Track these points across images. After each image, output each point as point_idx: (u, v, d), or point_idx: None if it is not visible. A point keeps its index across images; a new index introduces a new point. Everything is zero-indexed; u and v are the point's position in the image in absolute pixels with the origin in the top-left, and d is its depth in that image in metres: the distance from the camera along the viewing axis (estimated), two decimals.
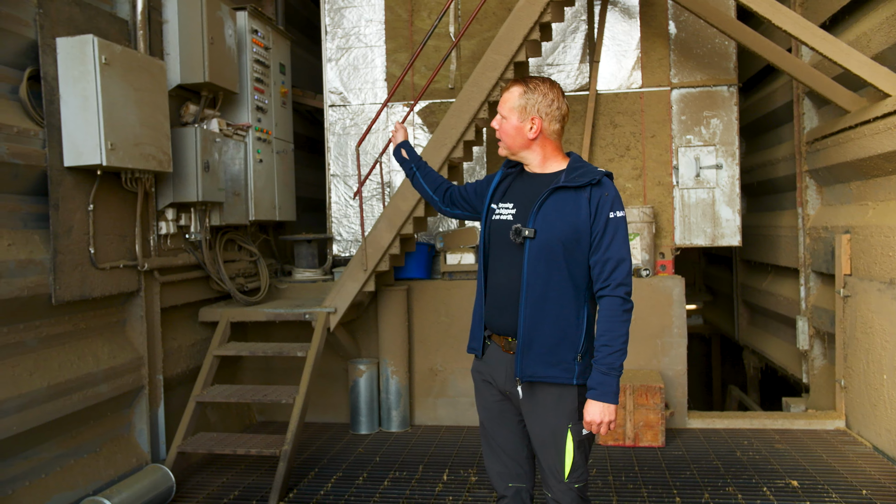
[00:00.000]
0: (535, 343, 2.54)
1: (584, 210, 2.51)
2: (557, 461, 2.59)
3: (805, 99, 6.31)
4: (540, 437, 2.63)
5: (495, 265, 2.67)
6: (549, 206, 2.54)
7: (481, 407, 2.79)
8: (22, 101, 3.83)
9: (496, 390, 2.72)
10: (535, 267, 2.52)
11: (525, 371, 2.56)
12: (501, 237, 2.64)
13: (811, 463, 4.82)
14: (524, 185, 2.68)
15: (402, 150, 3.20)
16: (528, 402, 2.62)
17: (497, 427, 2.74)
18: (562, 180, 2.56)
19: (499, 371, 2.68)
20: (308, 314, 5.23)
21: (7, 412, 3.62)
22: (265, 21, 5.93)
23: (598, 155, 6.21)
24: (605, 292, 2.50)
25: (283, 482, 4.45)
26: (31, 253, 3.82)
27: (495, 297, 2.66)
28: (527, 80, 2.62)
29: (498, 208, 2.69)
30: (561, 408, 2.58)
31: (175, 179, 4.79)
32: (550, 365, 2.55)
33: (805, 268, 6.38)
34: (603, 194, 2.52)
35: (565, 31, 6.24)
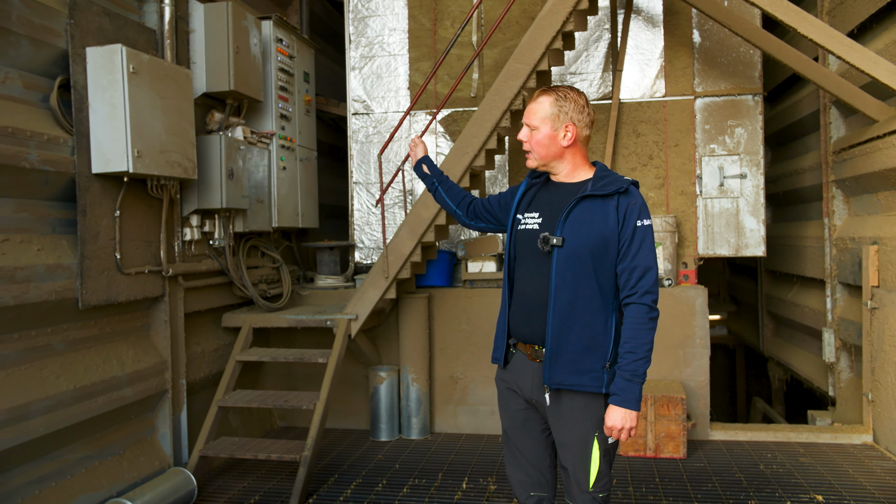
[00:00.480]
0: (564, 351, 2.55)
1: (612, 218, 2.52)
2: (582, 470, 2.59)
3: (832, 108, 6.24)
4: (566, 445, 2.62)
5: (522, 274, 2.67)
6: (577, 214, 2.55)
7: (505, 415, 2.79)
8: (52, 110, 3.91)
9: (521, 399, 2.72)
10: (563, 275, 2.53)
11: (553, 379, 2.56)
12: (528, 246, 2.64)
13: (837, 477, 4.74)
14: (550, 195, 2.68)
15: (422, 166, 3.16)
16: (555, 409, 2.61)
17: (521, 435, 2.74)
18: (589, 189, 2.57)
19: (525, 379, 2.68)
20: (329, 321, 5.26)
21: (34, 414, 3.69)
22: (290, 30, 5.99)
23: (620, 164, 6.18)
24: (632, 300, 2.51)
25: (303, 487, 4.47)
26: (59, 258, 3.89)
27: (522, 305, 2.66)
28: (556, 89, 2.63)
29: (523, 218, 2.70)
30: (588, 416, 2.58)
31: (200, 186, 4.85)
32: (579, 373, 2.55)
33: (831, 279, 6.29)
34: (630, 202, 2.54)
35: (588, 40, 6.23)
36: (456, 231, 6.40)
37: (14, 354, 3.69)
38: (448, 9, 6.40)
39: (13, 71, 3.72)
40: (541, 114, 2.60)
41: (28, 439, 3.66)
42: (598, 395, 2.58)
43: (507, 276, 2.73)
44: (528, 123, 2.63)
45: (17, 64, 3.73)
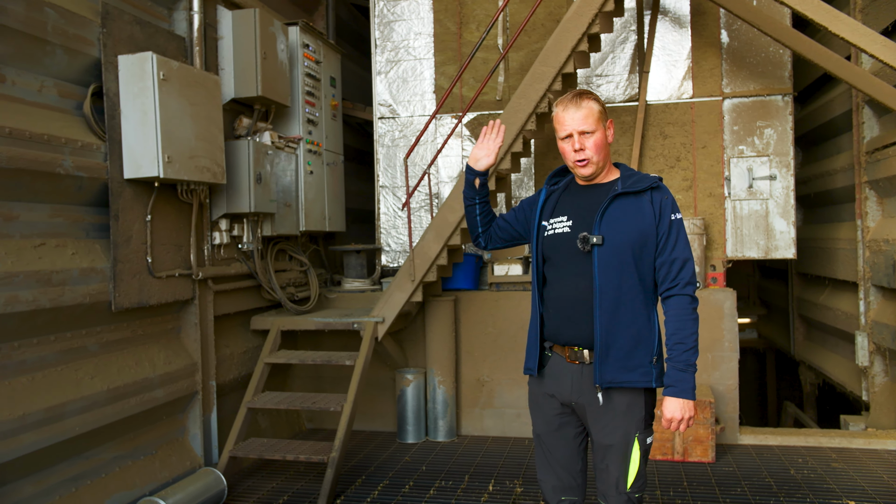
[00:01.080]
0: (613, 349, 2.56)
1: (649, 213, 2.56)
2: (622, 470, 2.60)
3: (865, 108, 6.13)
4: (607, 445, 2.62)
5: (557, 278, 2.66)
6: (613, 212, 2.57)
7: (540, 420, 2.77)
8: (86, 117, 4.01)
9: (557, 403, 2.71)
10: (607, 273, 2.54)
11: (604, 377, 2.56)
12: (561, 250, 2.64)
13: (870, 484, 4.66)
14: (577, 198, 2.68)
15: (477, 179, 2.84)
16: (600, 409, 2.61)
17: (555, 440, 2.73)
18: (620, 187, 2.59)
19: (564, 383, 2.67)
20: (356, 324, 5.30)
21: (70, 413, 3.78)
22: (316, 35, 6.06)
23: (647, 166, 6.15)
24: (674, 291, 2.56)
25: (330, 488, 4.51)
26: (92, 262, 3.98)
27: (560, 308, 2.64)
28: (588, 91, 2.63)
29: (550, 224, 2.69)
30: (631, 416, 2.60)
31: (228, 191, 4.93)
32: (628, 370, 2.57)
33: (864, 281, 6.18)
34: (663, 197, 2.60)
35: (614, 42, 6.21)
36: None
37: (51, 356, 3.78)
38: (473, 12, 6.42)
39: (49, 80, 3.82)
40: (594, 116, 2.56)
41: (64, 438, 3.75)
42: (641, 394, 2.61)
43: (536, 282, 2.72)
44: (584, 130, 2.55)
45: (52, 73, 3.83)
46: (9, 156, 3.43)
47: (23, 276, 3.51)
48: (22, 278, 3.51)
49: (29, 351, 3.65)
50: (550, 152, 6.34)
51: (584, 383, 2.63)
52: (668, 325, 2.57)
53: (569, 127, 2.57)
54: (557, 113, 2.62)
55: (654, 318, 2.62)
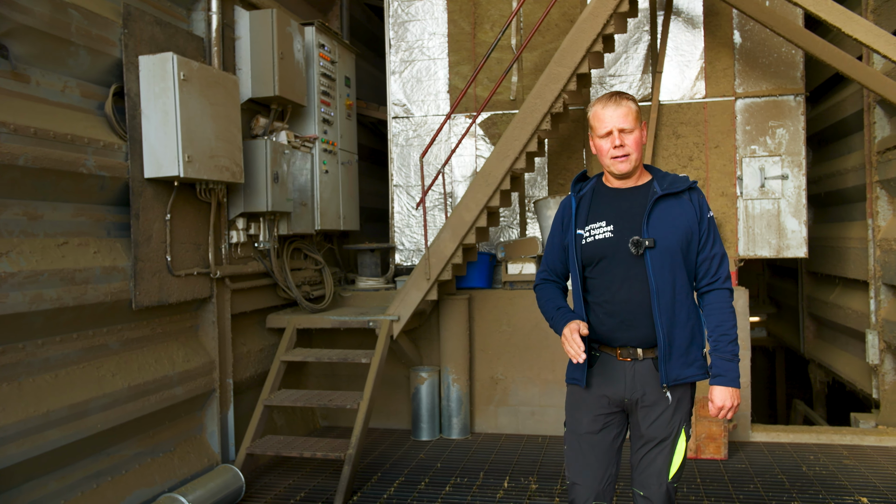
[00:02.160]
0: (674, 347, 2.62)
1: (691, 213, 2.63)
2: (667, 461, 2.64)
3: (876, 108, 6.14)
4: (657, 439, 2.65)
5: (605, 283, 2.66)
6: (658, 214, 2.61)
7: (585, 420, 2.74)
8: (107, 117, 4.05)
9: (607, 402, 2.71)
10: (661, 274, 2.59)
11: (670, 376, 2.61)
12: (607, 256, 2.64)
13: (882, 480, 4.69)
14: (613, 203, 2.70)
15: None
16: (652, 405, 2.65)
17: (600, 440, 2.72)
18: (659, 189, 2.64)
19: (617, 381, 2.68)
20: (372, 322, 5.35)
21: (93, 410, 3.83)
22: (332, 35, 6.10)
23: (660, 165, 6.17)
24: (716, 286, 2.67)
25: (347, 485, 4.56)
26: (114, 260, 4.03)
27: (615, 313, 2.64)
28: (625, 92, 2.68)
29: (587, 232, 2.69)
30: (680, 409, 2.66)
31: (246, 190, 4.97)
32: (688, 365, 2.64)
33: (875, 280, 6.20)
34: (701, 197, 2.69)
35: (627, 42, 6.23)
36: (496, 233, 6.45)
37: (74, 353, 3.84)
38: (487, 13, 6.45)
39: (72, 80, 3.87)
40: (633, 115, 2.60)
41: (87, 435, 3.80)
42: (689, 388, 2.70)
43: (580, 289, 2.71)
44: (624, 128, 2.58)
45: (75, 73, 3.88)
46: (35, 156, 3.48)
47: (47, 275, 3.56)
48: (46, 276, 3.56)
49: (53, 349, 3.70)
50: (564, 152, 6.37)
51: (638, 379, 2.65)
52: (711, 318, 2.67)
53: (609, 124, 2.59)
54: (597, 111, 2.64)
55: (699, 312, 2.71)
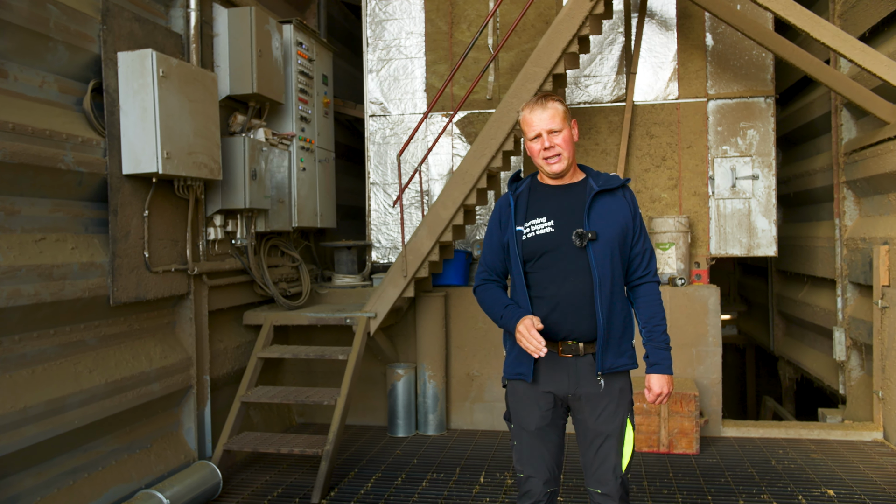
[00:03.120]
0: (611, 337, 2.71)
1: (627, 210, 2.75)
2: (618, 455, 2.71)
3: (843, 110, 6.32)
4: (605, 433, 2.71)
5: (549, 278, 2.71)
6: (597, 210, 2.70)
7: (535, 417, 2.78)
8: (86, 112, 4.04)
9: (552, 397, 2.77)
10: (603, 266, 2.67)
11: (605, 364, 2.69)
12: (549, 250, 2.70)
13: (848, 473, 4.83)
14: (551, 199, 2.76)
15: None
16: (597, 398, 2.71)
17: (549, 434, 2.79)
18: (596, 186, 2.74)
19: (561, 377, 2.74)
20: (349, 319, 5.38)
21: (70, 407, 3.83)
22: (309, 34, 6.11)
23: (634, 165, 6.28)
24: (647, 279, 2.81)
25: (325, 481, 4.59)
26: (92, 256, 4.02)
27: (558, 306, 2.70)
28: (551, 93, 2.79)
29: (527, 228, 2.73)
30: (622, 400, 2.74)
31: (224, 187, 4.98)
32: (620, 354, 2.74)
33: (842, 279, 6.37)
34: (633, 195, 2.82)
35: (602, 43, 6.33)
36: (472, 231, 6.51)
37: (51, 349, 3.82)
38: (464, 12, 6.51)
39: (50, 75, 3.85)
40: (560, 115, 2.69)
41: (64, 431, 3.79)
42: (629, 378, 2.79)
43: (522, 285, 2.73)
44: (552, 129, 2.67)
45: (53, 69, 3.86)
46: (12, 151, 3.47)
47: (25, 270, 3.55)
48: (24, 272, 3.55)
49: (29, 344, 3.69)
50: None
51: (580, 374, 2.72)
52: (643, 310, 2.80)
53: (537, 127, 2.68)
54: (525, 116, 2.72)
55: (630, 305, 2.84)
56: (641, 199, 6.29)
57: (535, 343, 2.54)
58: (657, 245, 5.95)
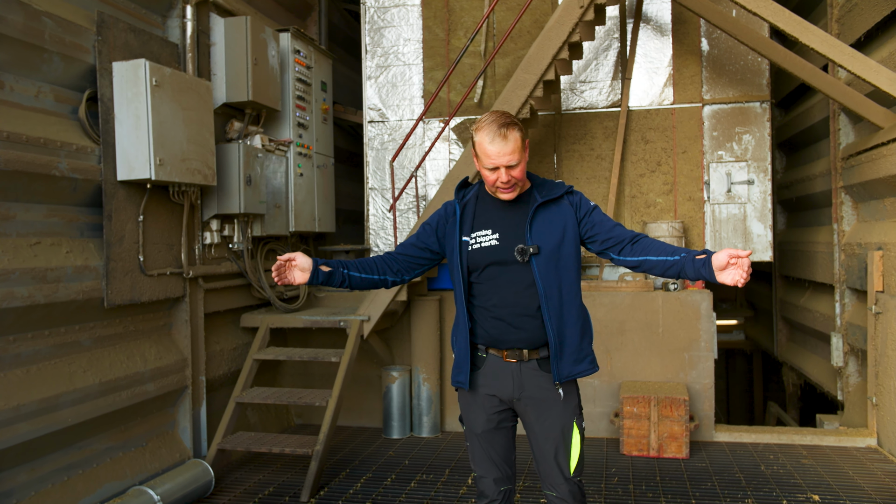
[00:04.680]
0: (566, 345, 2.72)
1: (570, 214, 2.74)
2: (565, 457, 2.75)
3: (841, 115, 6.30)
4: (550, 436, 2.76)
5: (493, 289, 2.74)
6: (539, 222, 2.72)
7: (481, 420, 2.83)
8: (81, 121, 4.18)
9: (497, 401, 2.82)
10: (548, 278, 2.68)
11: (562, 374, 2.72)
12: (493, 263, 2.72)
13: (836, 479, 4.82)
14: (497, 211, 2.77)
15: (319, 269, 2.73)
16: (542, 403, 2.75)
17: (495, 436, 2.85)
18: (539, 198, 2.74)
19: (505, 382, 2.77)
20: (343, 322, 5.47)
21: (64, 405, 3.95)
22: (307, 41, 6.23)
23: (629, 170, 6.32)
24: (636, 237, 2.72)
25: (314, 480, 4.68)
26: (86, 260, 4.15)
27: (503, 317, 2.73)
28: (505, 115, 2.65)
29: (473, 239, 2.75)
30: (568, 404, 2.76)
31: (219, 192, 5.10)
32: (578, 362, 2.76)
33: (840, 284, 6.35)
34: (581, 197, 2.80)
35: (598, 49, 6.38)
36: None
37: (45, 349, 3.96)
38: (461, 20, 6.59)
39: (46, 85, 4.00)
40: (519, 147, 2.61)
41: (58, 428, 3.92)
42: (575, 383, 2.81)
43: (464, 294, 2.77)
44: (509, 162, 2.59)
45: (49, 79, 4.00)
46: (6, 158, 3.60)
47: (18, 273, 3.69)
48: (18, 275, 3.68)
49: (24, 345, 3.82)
50: (535, 156, 6.50)
51: (524, 378, 2.76)
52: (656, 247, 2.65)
53: (496, 161, 2.59)
54: (483, 144, 2.60)
55: (587, 312, 2.83)
56: (636, 204, 6.33)
57: (281, 262, 2.63)
58: None
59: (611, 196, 6.24)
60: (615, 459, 5.32)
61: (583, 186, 6.41)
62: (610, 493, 4.65)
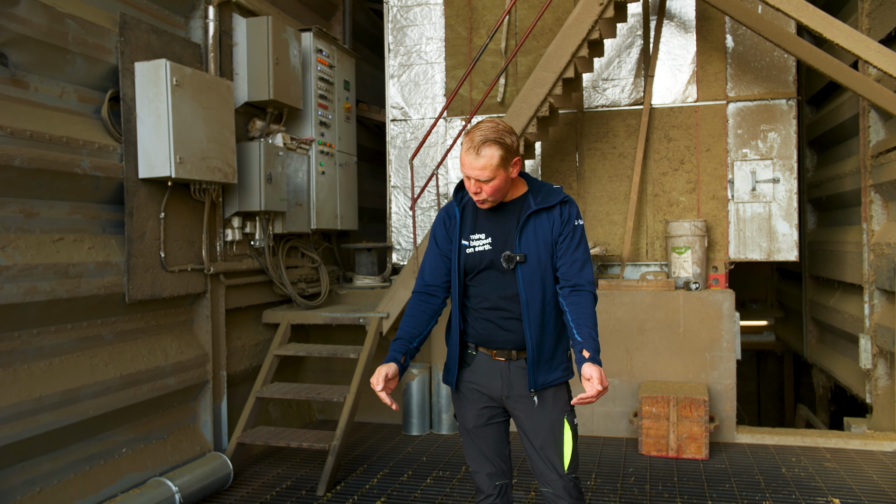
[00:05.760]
0: (543, 354, 2.74)
1: (557, 224, 2.72)
2: (557, 454, 2.75)
3: (871, 111, 6.16)
4: (540, 433, 2.76)
5: (484, 291, 2.77)
6: (529, 229, 2.71)
7: (471, 416, 2.86)
8: (103, 120, 4.28)
9: (487, 397, 2.83)
10: (531, 287, 2.70)
11: (537, 382, 2.74)
12: (485, 267, 2.74)
13: (859, 483, 4.73)
14: (491, 215, 2.77)
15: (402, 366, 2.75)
16: (528, 399, 2.77)
17: (487, 431, 2.86)
18: (533, 204, 2.71)
19: (493, 379, 2.80)
20: (362, 318, 5.52)
21: (85, 397, 4.06)
22: (330, 41, 6.29)
23: (651, 168, 6.26)
24: (581, 288, 2.69)
25: (331, 475, 4.73)
26: (108, 256, 4.25)
27: (492, 318, 2.77)
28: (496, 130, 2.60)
29: (469, 243, 2.77)
30: (557, 402, 2.77)
31: (240, 190, 5.18)
32: (553, 370, 2.77)
33: (869, 285, 6.21)
34: (572, 208, 2.75)
35: (621, 47, 6.33)
36: None
37: (67, 343, 4.06)
38: (483, 18, 6.59)
39: (69, 86, 4.10)
40: (491, 167, 2.57)
41: (79, 420, 4.02)
42: (565, 383, 2.82)
43: (458, 294, 2.80)
44: (481, 177, 2.59)
45: (72, 79, 4.11)
46: (30, 157, 3.71)
47: (41, 269, 3.79)
48: (41, 270, 3.79)
49: (47, 338, 3.93)
50: (557, 154, 6.48)
51: (513, 377, 2.77)
52: (579, 316, 2.66)
53: (467, 172, 2.62)
54: (461, 152, 2.63)
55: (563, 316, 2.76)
56: (659, 202, 6.27)
57: (383, 398, 2.63)
58: (672, 249, 5.92)
59: (633, 195, 6.19)
60: (633, 459, 5.28)
61: (605, 185, 6.37)
62: (626, 492, 4.62)
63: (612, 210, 6.38)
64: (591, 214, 6.42)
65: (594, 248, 6.03)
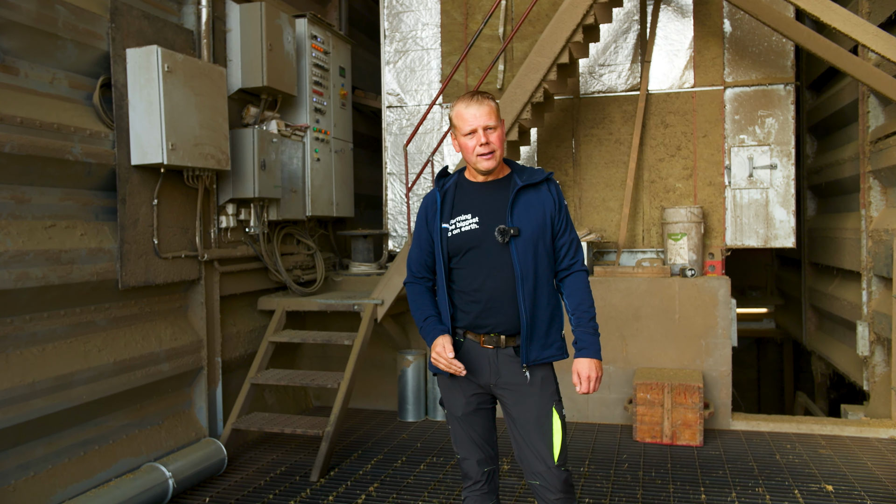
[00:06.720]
0: (536, 330, 2.75)
1: (549, 202, 2.77)
2: (546, 444, 2.73)
3: (870, 97, 6.11)
4: (527, 422, 2.76)
5: (472, 273, 2.76)
6: (520, 205, 2.73)
7: (460, 403, 2.86)
8: (95, 107, 4.28)
9: (475, 385, 2.83)
10: (525, 261, 2.71)
11: (530, 357, 2.74)
12: (473, 246, 2.74)
13: (852, 469, 4.73)
14: (476, 196, 2.78)
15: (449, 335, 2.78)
16: (519, 389, 2.77)
17: (476, 418, 2.86)
18: (520, 181, 2.75)
19: (482, 367, 2.80)
20: (357, 305, 5.53)
21: (78, 383, 4.07)
22: (325, 27, 6.26)
23: (647, 154, 6.23)
24: (575, 268, 2.84)
25: (324, 460, 4.75)
26: (100, 242, 4.26)
27: (481, 300, 2.75)
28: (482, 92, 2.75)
29: (452, 225, 2.76)
30: (545, 390, 2.77)
31: (234, 177, 5.17)
32: (546, 346, 2.78)
33: (867, 271, 6.18)
34: (558, 187, 2.84)
35: (617, 32, 6.29)
36: None
37: (60, 329, 4.07)
38: (480, 4, 6.55)
39: (60, 72, 4.09)
40: (495, 113, 2.69)
41: (73, 405, 4.04)
42: (552, 368, 2.82)
43: (445, 280, 2.79)
44: (488, 125, 2.66)
45: (63, 65, 4.10)
46: (20, 143, 3.71)
47: (33, 255, 3.80)
48: (32, 256, 3.79)
49: (40, 324, 3.94)
50: (553, 140, 6.46)
51: (501, 364, 2.77)
52: (572, 297, 2.82)
53: (473, 123, 2.66)
54: (459, 111, 2.70)
55: (559, 295, 2.87)
56: (655, 189, 6.25)
57: (455, 368, 2.63)
58: (669, 235, 5.90)
59: (629, 181, 6.17)
60: (628, 446, 5.28)
61: (601, 171, 6.34)
62: (619, 478, 4.63)
63: (608, 196, 6.36)
64: (587, 201, 6.40)
65: (590, 235, 6.02)
